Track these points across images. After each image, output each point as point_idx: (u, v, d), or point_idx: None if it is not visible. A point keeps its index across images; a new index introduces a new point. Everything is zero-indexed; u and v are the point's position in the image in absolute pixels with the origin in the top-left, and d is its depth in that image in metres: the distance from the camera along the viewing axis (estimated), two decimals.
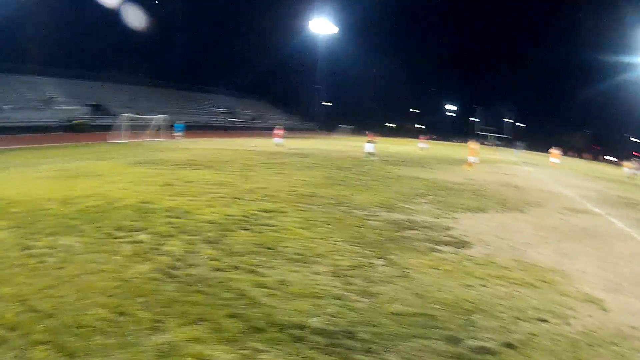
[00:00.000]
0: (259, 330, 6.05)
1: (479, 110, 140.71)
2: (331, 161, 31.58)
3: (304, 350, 5.77)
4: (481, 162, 40.62)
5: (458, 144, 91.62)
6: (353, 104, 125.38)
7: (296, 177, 21.20)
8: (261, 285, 7.46)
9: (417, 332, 6.41)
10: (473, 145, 38.17)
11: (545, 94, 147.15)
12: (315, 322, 6.34)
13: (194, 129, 55.97)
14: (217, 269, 8.12)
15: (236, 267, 8.24)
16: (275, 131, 43.02)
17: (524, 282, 9.26)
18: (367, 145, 37.07)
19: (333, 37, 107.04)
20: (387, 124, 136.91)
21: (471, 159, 35.82)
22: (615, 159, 71.84)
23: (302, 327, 6.18)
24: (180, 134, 44.95)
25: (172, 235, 10.10)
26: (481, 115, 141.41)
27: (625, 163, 57.33)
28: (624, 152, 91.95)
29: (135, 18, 69.29)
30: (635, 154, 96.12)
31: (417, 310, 7.16)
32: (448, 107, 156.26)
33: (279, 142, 41.57)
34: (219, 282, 7.49)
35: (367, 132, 40.82)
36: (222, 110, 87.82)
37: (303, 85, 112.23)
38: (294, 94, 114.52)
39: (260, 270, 8.22)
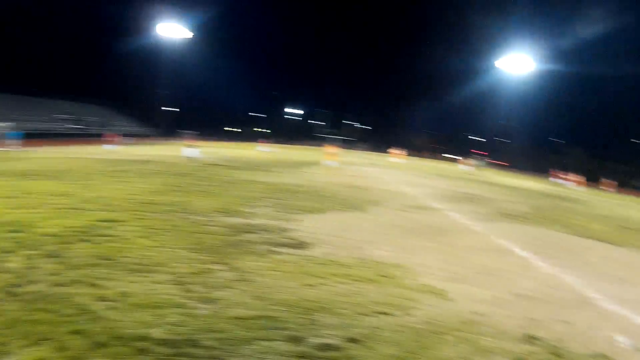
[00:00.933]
0: (102, 345, 5.90)
1: (321, 113, 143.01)
2: (171, 167, 31.00)
3: None
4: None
5: (301, 147, 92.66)
6: (197, 109, 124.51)
7: (135, 184, 20.69)
8: (102, 299, 7.26)
9: (260, 334, 6.57)
10: (330, 149, 38.12)
11: (389, 97, 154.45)
12: (157, 332, 6.31)
13: (33, 137, 53.17)
14: (59, 284, 7.75)
15: (77, 281, 7.92)
16: (108, 137, 41.49)
17: (364, 278, 9.73)
18: (187, 150, 35.83)
19: (181, 41, 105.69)
20: (229, 129, 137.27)
21: (329, 162, 35.84)
22: (455, 157, 75.86)
23: (145, 339, 6.10)
24: (15, 142, 42.47)
25: (11, 251, 9.42)
26: (324, 118, 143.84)
27: (460, 160, 61.24)
28: (463, 150, 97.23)
29: None
30: (474, 151, 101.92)
31: (258, 313, 7.31)
32: (290, 110, 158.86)
33: (112, 149, 39.97)
34: (61, 298, 7.17)
35: (186, 136, 38.80)
36: (63, 117, 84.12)
37: (148, 90, 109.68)
38: (139, 99, 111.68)
39: (100, 282, 7.98)
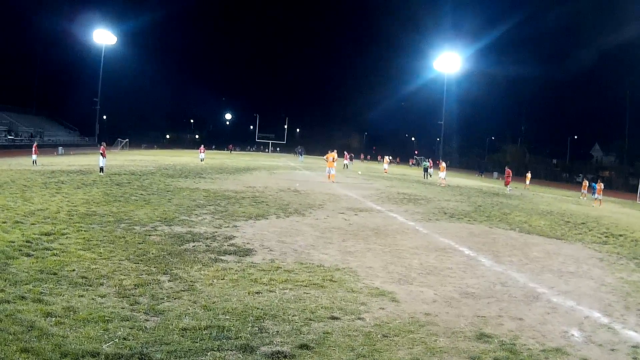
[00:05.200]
0: None
1: (257, 117, 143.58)
2: (109, 177, 30.34)
3: None
4: (263, 168, 41.16)
5: (240, 153, 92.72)
6: (135, 117, 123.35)
7: (75, 195, 20.29)
8: (49, 314, 7.05)
9: (210, 345, 6.51)
10: (332, 155, 38.58)
11: (324, 100, 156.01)
12: (107, 347, 6.17)
13: None
14: (4, 301, 7.45)
15: (22, 297, 7.67)
16: (34, 148, 39.95)
17: (311, 283, 9.82)
18: (101, 159, 33.65)
19: (113, 47, 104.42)
20: (167, 136, 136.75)
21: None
22: (390, 158, 76.75)
23: (95, 355, 5.95)
24: None
25: None
26: (260, 123, 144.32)
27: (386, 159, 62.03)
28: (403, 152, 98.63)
29: None
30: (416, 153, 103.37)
31: (207, 323, 7.25)
32: (228, 116, 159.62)
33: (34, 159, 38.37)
34: (7, 315, 6.89)
35: (101, 145, 36.19)
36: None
37: (84, 99, 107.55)
38: (75, 108, 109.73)
39: (46, 298, 7.77)
